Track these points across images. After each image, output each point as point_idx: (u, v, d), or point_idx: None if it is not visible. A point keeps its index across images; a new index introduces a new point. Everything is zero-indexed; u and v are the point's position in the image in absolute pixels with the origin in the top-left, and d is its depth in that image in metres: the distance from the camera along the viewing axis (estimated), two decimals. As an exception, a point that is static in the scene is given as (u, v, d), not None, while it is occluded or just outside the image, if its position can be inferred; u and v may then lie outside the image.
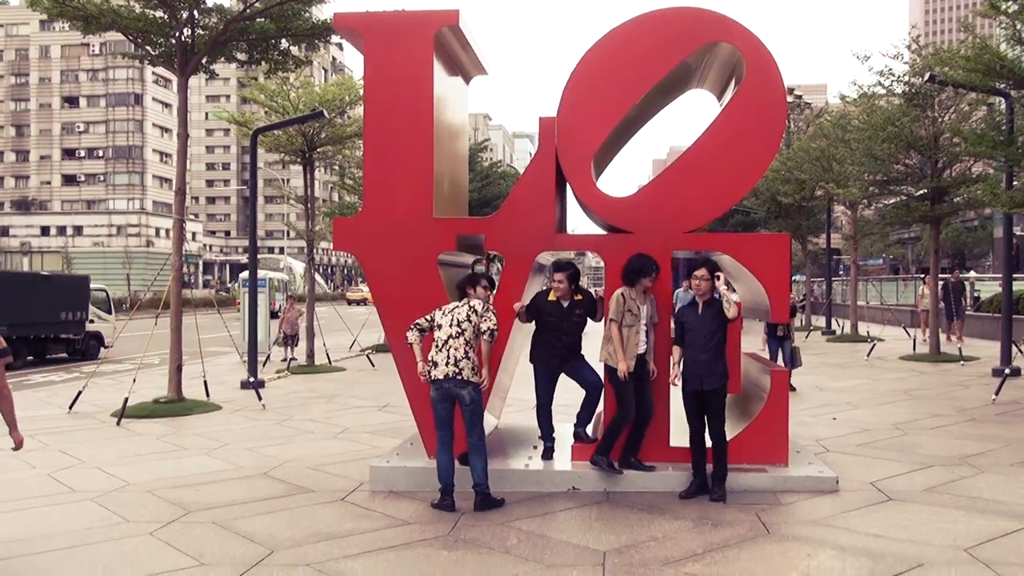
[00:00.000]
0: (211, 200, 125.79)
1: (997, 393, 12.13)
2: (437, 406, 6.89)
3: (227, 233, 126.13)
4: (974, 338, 22.49)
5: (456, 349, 6.79)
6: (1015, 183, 14.67)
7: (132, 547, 6.09)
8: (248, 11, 12.95)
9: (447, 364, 6.79)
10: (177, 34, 12.96)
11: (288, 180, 79.42)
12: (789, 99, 37.17)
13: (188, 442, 10.11)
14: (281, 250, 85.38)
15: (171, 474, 8.38)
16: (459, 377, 6.78)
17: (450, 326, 6.87)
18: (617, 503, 6.98)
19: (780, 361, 13.02)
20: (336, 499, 7.29)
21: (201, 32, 13.11)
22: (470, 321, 6.86)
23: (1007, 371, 13.52)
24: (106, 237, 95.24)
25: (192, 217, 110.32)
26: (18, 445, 5.68)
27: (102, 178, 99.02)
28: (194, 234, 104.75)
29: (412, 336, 7.01)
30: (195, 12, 12.87)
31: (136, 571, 5.57)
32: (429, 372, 6.87)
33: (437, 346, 6.88)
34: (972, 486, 7.42)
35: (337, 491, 7.56)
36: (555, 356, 7.71)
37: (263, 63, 14.17)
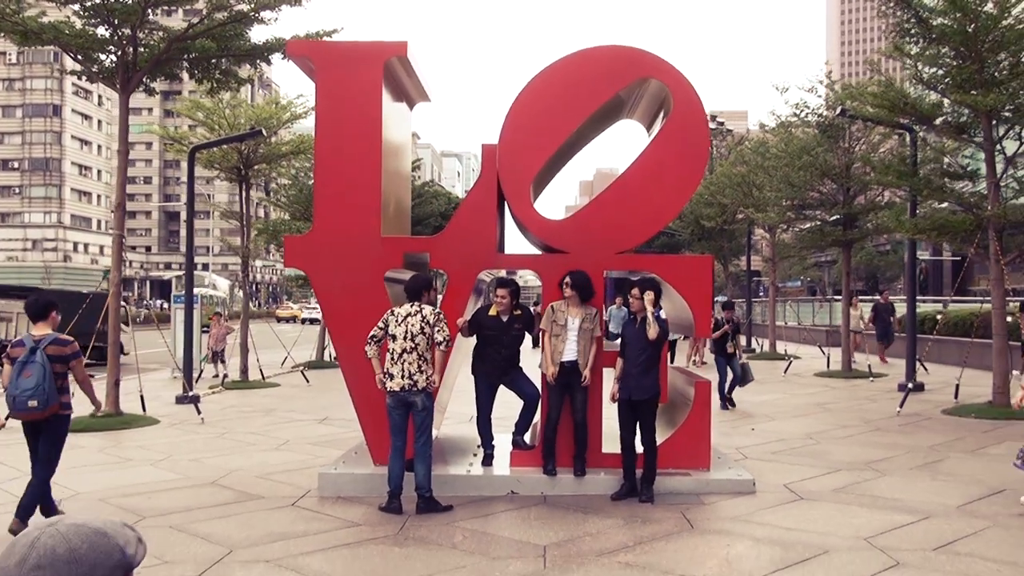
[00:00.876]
0: (131, 215, 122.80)
1: (901, 406, 13.08)
2: (392, 413, 7.32)
3: (148, 248, 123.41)
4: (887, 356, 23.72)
5: (410, 363, 7.20)
6: (919, 211, 15.79)
7: (93, 549, 6.35)
8: (191, 31, 13.20)
9: (402, 377, 7.19)
10: (119, 51, 13.14)
11: (212, 196, 78.35)
12: (712, 126, 38.65)
13: (131, 454, 10.29)
14: (205, 266, 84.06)
15: (120, 483, 8.60)
16: (414, 388, 7.21)
17: (404, 339, 7.25)
18: (554, 504, 7.51)
19: (728, 378, 13.90)
20: (286, 504, 7.65)
21: (142, 50, 13.31)
22: (423, 333, 7.27)
23: (910, 386, 14.55)
24: (20, 251, 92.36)
25: (111, 232, 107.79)
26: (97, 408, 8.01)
27: (17, 190, 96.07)
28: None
29: (370, 351, 7.39)
30: (137, 30, 13.07)
31: (102, 569, 5.86)
32: (385, 383, 7.29)
33: (392, 358, 7.27)
34: (874, 487, 8.16)
35: (286, 497, 7.91)
36: (495, 368, 8.25)
37: (205, 82, 14.41)
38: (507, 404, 9.05)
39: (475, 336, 8.40)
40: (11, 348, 6.94)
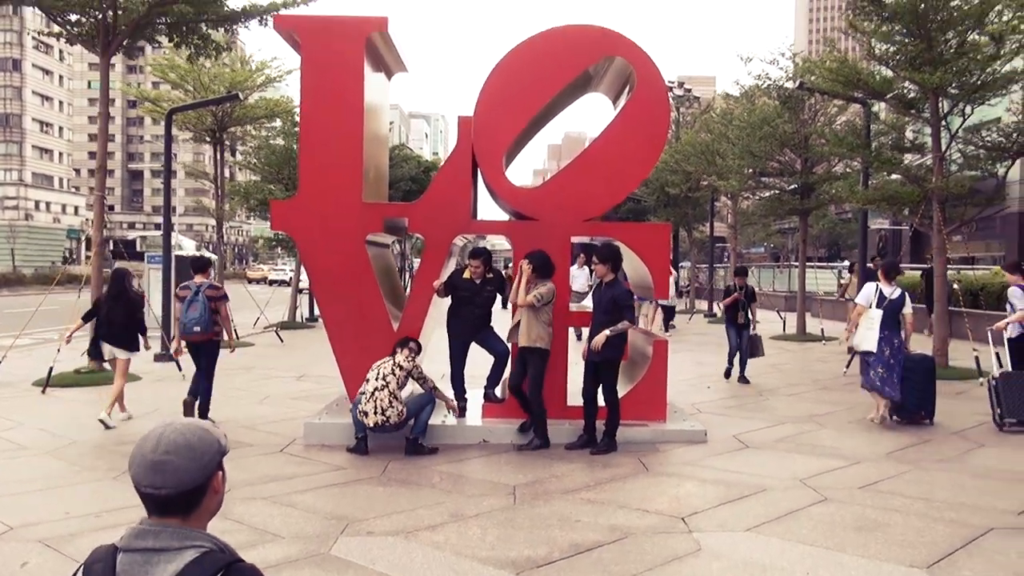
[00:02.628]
0: (92, 173, 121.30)
1: (847, 367, 13.93)
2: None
3: (111, 208, 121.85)
4: (837, 320, 24.55)
5: (381, 400, 7.83)
6: (872, 182, 16.59)
7: (99, 488, 6.95)
8: (171, -5, 13.48)
9: (376, 413, 7.82)
10: (99, 15, 13.41)
11: (176, 155, 77.53)
12: (679, 92, 39.22)
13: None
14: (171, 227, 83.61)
15: (112, 433, 9.15)
16: (388, 424, 7.85)
17: (376, 379, 7.92)
18: (522, 452, 8.19)
19: (738, 351, 13.02)
20: (275, 451, 8.26)
21: (122, 13, 13.57)
22: (394, 374, 7.95)
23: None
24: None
25: (74, 190, 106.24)
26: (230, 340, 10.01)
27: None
28: (76, 208, 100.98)
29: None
30: (117, -6, 13.33)
31: (112, 504, 6.45)
32: (362, 419, 7.92)
33: (365, 397, 7.91)
34: (814, 438, 8.96)
35: (274, 445, 8.52)
36: (468, 325, 8.93)
37: (183, 47, 14.70)
38: (477, 364, 9.67)
39: (450, 296, 9.03)
40: (179, 289, 9.73)
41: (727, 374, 13.30)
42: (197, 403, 9.59)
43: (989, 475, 7.39)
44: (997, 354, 10.70)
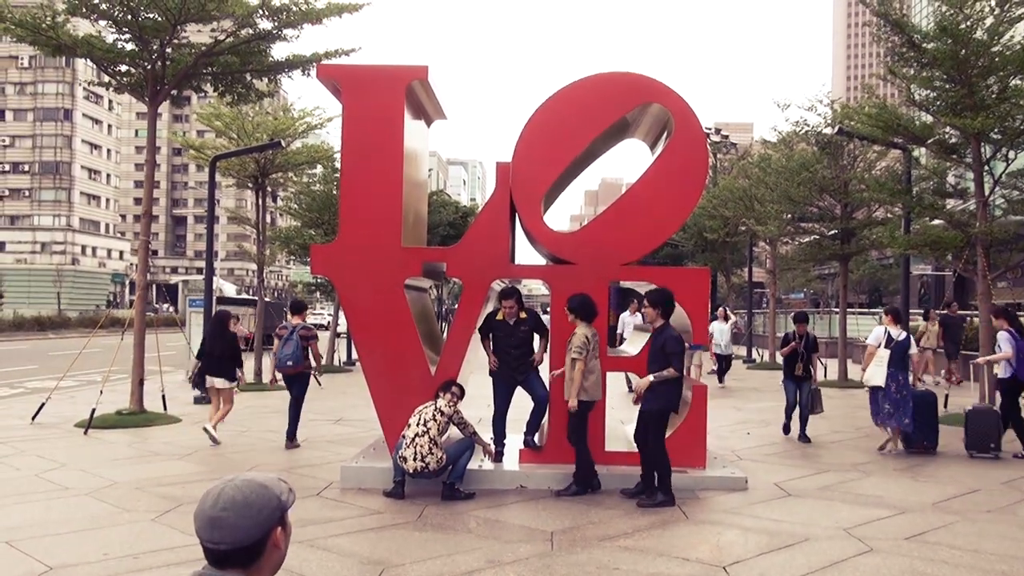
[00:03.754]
0: (138, 218, 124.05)
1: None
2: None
3: (155, 252, 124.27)
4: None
5: (421, 446, 7.83)
6: (913, 227, 16.41)
7: (140, 529, 6.99)
8: (217, 47, 13.87)
9: (415, 459, 7.82)
10: (148, 65, 13.80)
11: (220, 201, 79.08)
12: (716, 138, 39.35)
13: (159, 448, 10.91)
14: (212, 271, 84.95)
15: (153, 475, 9.22)
16: (427, 471, 7.83)
17: (417, 425, 7.94)
18: (560, 498, 8.11)
19: (797, 405, 11.87)
20: (311, 495, 8.26)
21: (170, 63, 13.96)
22: (435, 420, 7.95)
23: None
24: (29, 254, 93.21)
25: (119, 235, 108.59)
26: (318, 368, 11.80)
27: (27, 193, 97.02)
28: (122, 253, 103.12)
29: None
30: (166, 46, 13.73)
31: (150, 546, 6.48)
32: (401, 464, 7.90)
33: (405, 442, 7.93)
34: (858, 486, 8.77)
35: (310, 488, 8.52)
36: (506, 368, 8.91)
37: (227, 95, 15.05)
38: (518, 408, 9.63)
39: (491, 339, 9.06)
40: (279, 329, 11.67)
41: (785, 429, 12.11)
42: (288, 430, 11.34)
43: (1042, 527, 7.18)
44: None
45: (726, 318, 19.50)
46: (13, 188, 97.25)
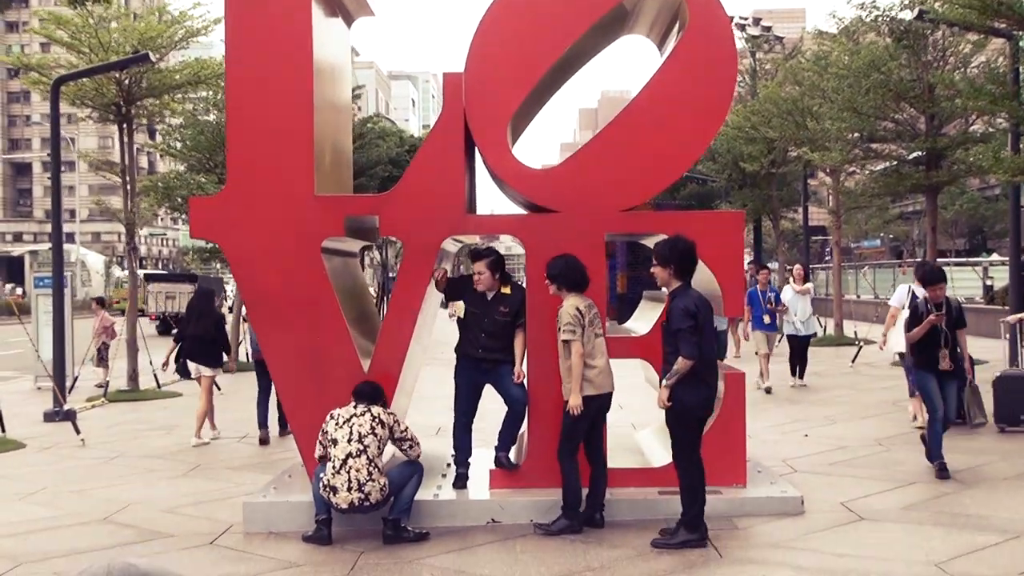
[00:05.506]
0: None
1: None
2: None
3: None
4: (982, 336, 24.13)
5: (358, 471, 7.65)
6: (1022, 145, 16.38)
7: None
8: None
9: (349, 490, 7.62)
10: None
11: (76, 140, 78.22)
12: (755, 31, 39.16)
13: (-10, 487, 10.76)
14: (70, 237, 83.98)
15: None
16: (365, 504, 7.67)
17: (349, 441, 7.72)
18: (546, 535, 8.03)
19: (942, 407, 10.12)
20: (203, 543, 8.17)
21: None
22: (374, 434, 7.77)
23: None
24: None
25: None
26: None
27: None
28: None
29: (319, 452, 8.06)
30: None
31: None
32: (328, 497, 7.73)
33: (335, 468, 7.70)
34: (955, 502, 8.77)
35: (202, 534, 8.41)
36: (472, 357, 8.77)
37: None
38: (491, 412, 9.54)
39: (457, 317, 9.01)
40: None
41: (931, 457, 10.00)
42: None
43: None
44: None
45: (805, 278, 17.54)
46: None
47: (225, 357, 12.92)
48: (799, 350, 17.04)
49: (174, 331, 15.05)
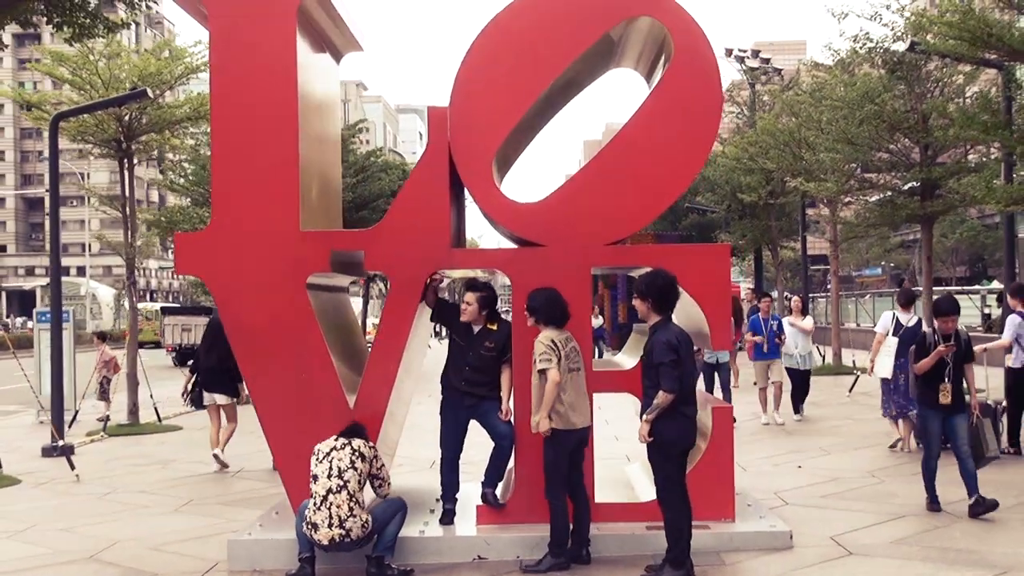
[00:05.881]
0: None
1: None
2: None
3: (2, 248, 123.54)
4: (979, 365, 23.68)
5: (339, 507, 7.50)
6: (1018, 173, 16.26)
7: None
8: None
9: (330, 526, 7.47)
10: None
11: (87, 175, 78.21)
12: (754, 63, 39.15)
13: (-17, 525, 10.60)
14: (81, 271, 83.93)
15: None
16: (347, 540, 7.51)
17: (329, 477, 7.58)
18: (533, 571, 7.86)
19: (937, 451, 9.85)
20: (187, 582, 8.01)
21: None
22: (355, 469, 7.62)
23: (1003, 406, 14.89)
24: None
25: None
26: None
27: None
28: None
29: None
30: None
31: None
32: (310, 534, 7.58)
33: (315, 503, 7.56)
34: (947, 536, 8.60)
35: (187, 573, 8.26)
36: (457, 391, 8.64)
37: (65, 28, 14.63)
38: (480, 445, 9.39)
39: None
40: None
41: (932, 502, 9.72)
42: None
43: None
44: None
45: (804, 310, 17.00)
46: None
47: (244, 388, 12.43)
48: (799, 384, 16.63)
49: (189, 362, 15.47)
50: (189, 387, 13.93)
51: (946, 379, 9.32)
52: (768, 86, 39.09)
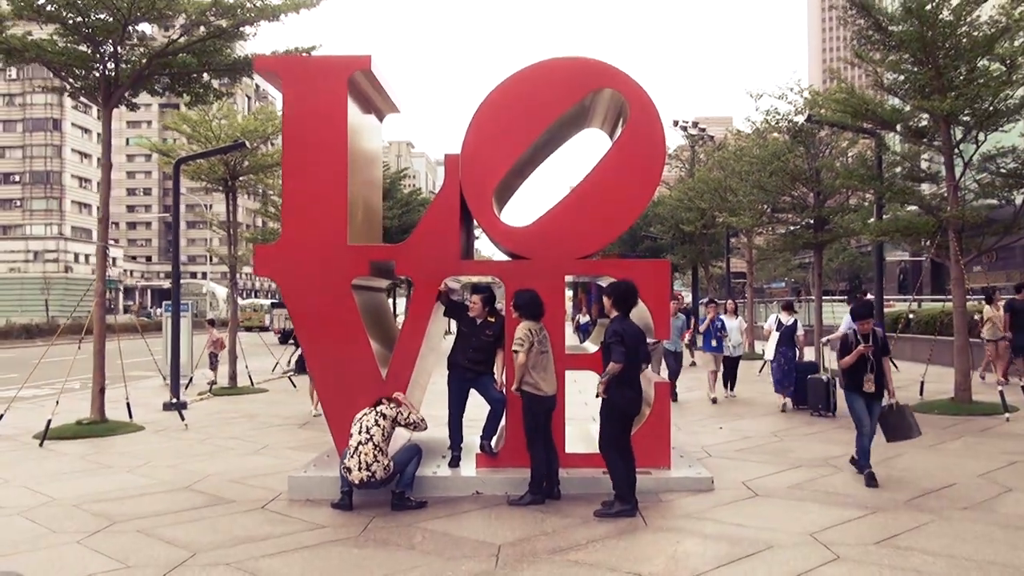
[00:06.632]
0: (132, 226, 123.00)
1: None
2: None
3: (148, 259, 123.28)
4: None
5: (365, 455, 7.20)
6: (887, 213, 15.85)
7: (60, 554, 6.36)
8: (171, 47, 13.20)
9: (359, 469, 7.18)
10: (100, 67, 13.13)
11: (211, 206, 78.03)
12: (694, 132, 38.70)
13: (111, 460, 10.27)
14: (204, 275, 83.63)
15: (95, 490, 8.59)
16: (373, 480, 7.19)
17: (359, 432, 7.31)
18: (514, 507, 7.51)
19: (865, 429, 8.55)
20: (255, 507, 7.66)
21: (124, 65, 13.28)
22: (378, 425, 7.32)
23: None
24: (22, 263, 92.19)
25: (113, 243, 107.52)
26: None
27: (19, 203, 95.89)
28: (115, 259, 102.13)
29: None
30: (118, 47, 13.05)
31: (64, 574, 5.87)
32: (346, 475, 7.27)
33: (349, 452, 7.30)
34: (829, 483, 8.21)
35: (257, 500, 7.91)
36: (460, 367, 8.33)
37: (184, 95, 14.37)
38: (480, 407, 9.05)
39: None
40: None
41: (860, 467, 8.51)
42: None
43: (1021, 525, 6.62)
44: None
45: (736, 312, 16.17)
46: (4, 198, 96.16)
47: None
48: (731, 368, 15.77)
49: (291, 339, 15.82)
50: (294, 358, 14.34)
51: (869, 371, 8.43)
52: (703, 148, 38.70)
